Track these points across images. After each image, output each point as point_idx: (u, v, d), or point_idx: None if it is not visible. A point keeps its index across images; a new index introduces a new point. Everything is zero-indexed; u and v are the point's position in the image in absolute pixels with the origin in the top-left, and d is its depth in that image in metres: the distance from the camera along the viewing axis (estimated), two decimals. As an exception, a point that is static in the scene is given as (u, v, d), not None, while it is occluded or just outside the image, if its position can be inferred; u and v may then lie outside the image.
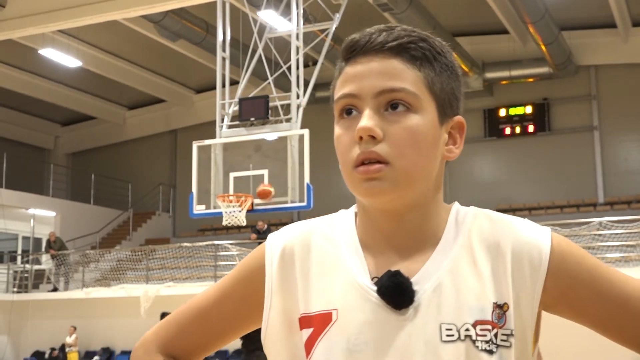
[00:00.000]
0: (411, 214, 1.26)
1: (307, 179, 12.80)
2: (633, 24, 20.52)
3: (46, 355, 21.01)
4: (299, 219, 26.74)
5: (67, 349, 19.54)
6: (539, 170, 21.92)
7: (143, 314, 18.97)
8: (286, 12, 15.00)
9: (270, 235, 1.37)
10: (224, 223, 13.27)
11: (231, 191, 13.27)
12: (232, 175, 13.40)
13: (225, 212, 13.11)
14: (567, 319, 1.31)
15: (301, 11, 14.50)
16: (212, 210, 13.45)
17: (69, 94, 25.34)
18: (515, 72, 21.62)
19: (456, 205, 1.33)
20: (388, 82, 1.22)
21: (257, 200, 13.15)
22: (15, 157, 24.94)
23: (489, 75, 21.77)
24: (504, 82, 22.12)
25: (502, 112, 22.37)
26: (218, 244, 20.52)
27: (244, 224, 13.36)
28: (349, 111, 1.25)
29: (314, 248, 1.31)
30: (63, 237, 22.79)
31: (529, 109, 22.16)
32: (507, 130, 22.30)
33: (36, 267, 23.01)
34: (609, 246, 17.05)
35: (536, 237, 1.26)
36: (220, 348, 1.42)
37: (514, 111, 22.31)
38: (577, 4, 19.50)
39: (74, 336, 19.53)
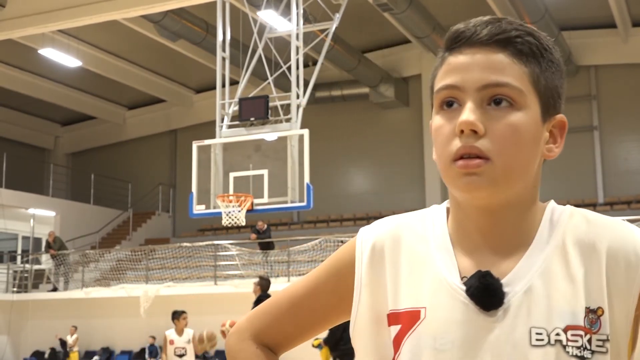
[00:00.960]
0: (507, 212, 1.23)
1: (307, 179, 12.80)
2: (633, 24, 20.52)
3: (46, 355, 21.01)
4: (298, 219, 26.77)
5: (67, 349, 19.55)
6: (539, 170, 21.92)
7: (143, 314, 18.98)
8: (286, 12, 15.00)
9: (361, 230, 1.36)
10: (224, 223, 13.27)
11: (231, 191, 13.27)
12: (232, 175, 13.41)
13: (225, 212, 13.11)
14: None
15: (301, 11, 14.51)
16: (211, 210, 13.45)
17: (68, 94, 25.35)
18: (515, 72, 21.62)
19: (552, 204, 1.29)
20: (492, 75, 1.19)
21: (256, 200, 13.16)
22: (15, 157, 24.94)
23: (489, 75, 21.76)
24: (504, 82, 22.11)
25: (502, 112, 22.36)
26: (218, 244, 20.52)
27: (244, 223, 13.37)
28: (450, 103, 1.22)
29: (404, 244, 1.29)
30: (63, 237, 22.79)
31: (528, 109, 22.16)
32: (507, 130, 22.29)
33: (36, 267, 23.01)
34: (608, 246, 17.04)
35: (633, 238, 1.21)
36: (310, 338, 1.43)
37: (513, 111, 22.30)
38: (577, 4, 19.50)
39: (74, 336, 19.53)
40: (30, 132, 27.85)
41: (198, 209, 13.54)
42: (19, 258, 24.64)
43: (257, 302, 9.98)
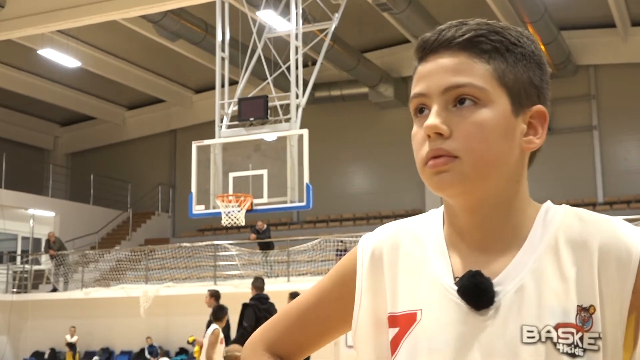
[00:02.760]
0: (489, 208, 1.25)
1: (306, 179, 12.80)
2: (632, 23, 20.53)
3: (46, 356, 21.02)
4: (298, 219, 26.73)
5: (68, 350, 19.55)
6: (538, 170, 21.86)
7: (142, 314, 18.98)
8: (285, 12, 15.00)
9: (363, 237, 1.39)
10: (223, 223, 13.27)
11: (230, 191, 13.27)
12: (231, 175, 13.40)
13: (225, 212, 13.11)
14: None
15: (300, 11, 14.50)
16: (211, 210, 13.45)
17: (68, 94, 25.35)
18: (514, 72, 21.63)
19: (547, 203, 1.30)
20: (453, 78, 1.22)
21: (256, 200, 13.16)
22: (14, 158, 24.94)
23: (489, 75, 21.76)
24: (503, 82, 22.11)
25: (502, 112, 22.35)
26: (217, 244, 20.52)
27: (243, 224, 13.36)
28: (421, 110, 1.26)
29: (402, 249, 1.32)
30: (62, 237, 22.79)
31: (528, 109, 22.15)
32: (507, 130, 22.28)
33: (35, 267, 23.00)
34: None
35: (626, 236, 1.21)
36: (322, 347, 1.46)
37: (513, 111, 22.29)
38: (576, 4, 19.51)
39: (75, 337, 19.53)
40: (30, 133, 27.85)
41: (197, 209, 13.54)
42: (18, 258, 24.63)
43: (244, 305, 10.17)
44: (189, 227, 25.59)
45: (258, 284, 10.67)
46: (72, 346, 19.69)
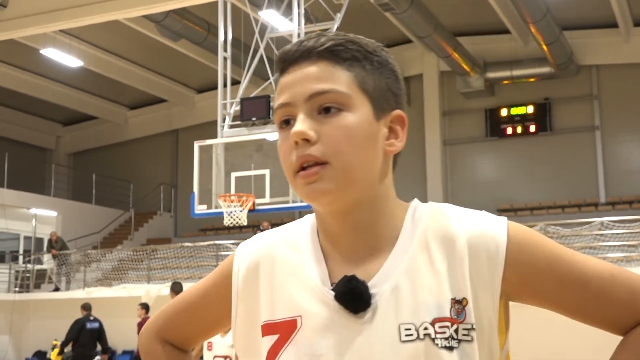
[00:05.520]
0: (358, 212, 1.27)
1: (308, 179, 12.78)
2: (634, 23, 20.51)
3: (48, 355, 21.02)
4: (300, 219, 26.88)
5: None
6: (541, 170, 21.91)
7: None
8: (287, 12, 15.00)
9: (240, 245, 1.43)
10: (226, 223, 13.27)
11: (232, 191, 13.27)
12: (233, 175, 13.41)
13: (227, 212, 13.11)
14: (536, 307, 1.32)
15: (302, 11, 14.50)
16: (213, 210, 13.46)
17: (70, 94, 25.36)
18: (516, 72, 21.62)
19: (414, 202, 1.34)
20: (317, 85, 1.24)
21: (258, 200, 13.16)
22: (16, 157, 24.96)
23: (491, 75, 21.76)
24: (505, 82, 22.10)
25: (504, 112, 22.34)
26: (219, 244, 20.52)
27: (245, 223, 13.36)
28: (287, 121, 1.27)
29: (278, 258, 1.34)
30: (64, 237, 22.80)
31: (530, 109, 22.13)
32: (509, 130, 22.27)
33: (38, 267, 23.02)
34: (610, 246, 17.05)
35: (492, 228, 1.26)
36: (210, 337, 1.55)
37: (515, 111, 22.28)
38: (578, 4, 19.49)
39: None
40: (32, 132, 27.87)
41: (200, 208, 13.55)
42: (20, 258, 24.64)
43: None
44: (191, 227, 25.59)
45: (177, 288, 10.60)
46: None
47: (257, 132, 13.56)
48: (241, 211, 13.03)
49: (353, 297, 1.22)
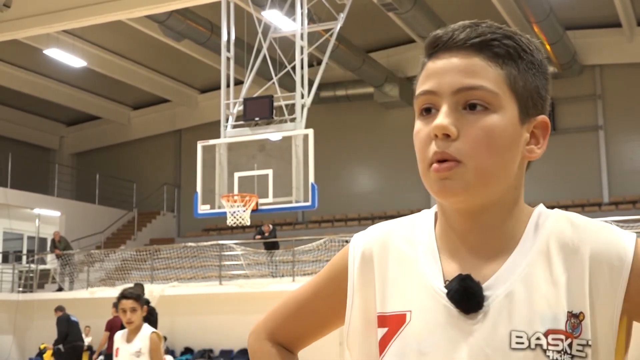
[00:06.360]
0: (487, 214, 1.24)
1: (311, 179, 12.80)
2: (638, 23, 20.49)
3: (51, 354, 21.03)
4: (303, 219, 26.70)
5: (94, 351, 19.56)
6: (544, 169, 21.88)
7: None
8: (290, 12, 15.00)
9: (354, 236, 1.39)
10: (229, 223, 13.28)
11: (236, 191, 13.27)
12: (236, 175, 13.41)
13: (230, 212, 13.12)
14: None
15: (305, 11, 14.50)
16: (216, 210, 13.46)
17: (73, 94, 25.39)
18: (520, 72, 21.60)
19: (539, 207, 1.29)
20: (467, 79, 1.20)
21: (261, 200, 13.16)
22: (20, 157, 24.99)
23: (494, 74, 21.74)
24: (508, 82, 22.08)
25: (507, 112, 22.32)
26: (223, 244, 20.53)
27: (249, 223, 13.37)
28: (428, 109, 1.23)
29: (392, 249, 1.31)
30: (68, 237, 22.83)
31: (533, 109, 22.12)
32: (512, 130, 22.25)
33: (41, 266, 23.05)
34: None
35: (617, 242, 1.20)
36: (320, 338, 1.49)
37: (518, 111, 22.26)
38: (581, 4, 19.47)
39: (89, 337, 19.51)
40: (35, 132, 27.91)
41: (203, 208, 13.55)
42: (24, 258, 24.68)
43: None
44: (194, 226, 25.61)
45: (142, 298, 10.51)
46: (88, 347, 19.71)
47: (260, 132, 13.56)
48: (244, 211, 13.03)
49: (466, 296, 1.19)
